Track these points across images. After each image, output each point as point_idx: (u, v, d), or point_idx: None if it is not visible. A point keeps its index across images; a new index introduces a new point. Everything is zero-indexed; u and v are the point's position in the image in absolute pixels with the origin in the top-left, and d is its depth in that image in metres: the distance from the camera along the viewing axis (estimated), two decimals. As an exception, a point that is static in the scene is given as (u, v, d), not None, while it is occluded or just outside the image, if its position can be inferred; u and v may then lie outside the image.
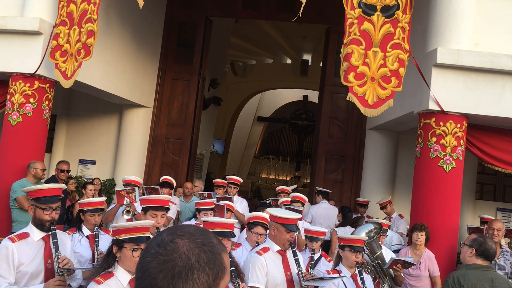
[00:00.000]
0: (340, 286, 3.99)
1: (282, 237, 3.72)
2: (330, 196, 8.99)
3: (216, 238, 1.23)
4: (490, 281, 3.60)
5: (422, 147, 5.95)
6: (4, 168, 6.56)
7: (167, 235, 1.18)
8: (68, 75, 6.23)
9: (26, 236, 3.26)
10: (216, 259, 1.17)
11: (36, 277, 3.23)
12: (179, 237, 1.17)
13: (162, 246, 1.15)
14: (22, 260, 3.17)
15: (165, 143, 9.97)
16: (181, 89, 10.04)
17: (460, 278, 3.64)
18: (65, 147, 10.03)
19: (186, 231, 1.19)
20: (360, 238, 4.16)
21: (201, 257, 1.14)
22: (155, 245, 1.17)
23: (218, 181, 7.91)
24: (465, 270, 3.74)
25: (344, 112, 9.52)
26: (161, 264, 1.13)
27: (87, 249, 4.24)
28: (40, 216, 3.31)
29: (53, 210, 3.34)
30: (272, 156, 22.76)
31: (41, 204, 3.32)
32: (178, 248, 1.14)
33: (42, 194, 3.36)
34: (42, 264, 3.26)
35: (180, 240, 1.16)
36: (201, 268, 1.13)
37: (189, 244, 1.16)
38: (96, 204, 4.42)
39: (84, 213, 4.35)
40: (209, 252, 1.16)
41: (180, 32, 10.13)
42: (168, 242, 1.16)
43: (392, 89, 5.24)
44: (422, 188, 5.96)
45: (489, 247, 3.69)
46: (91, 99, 9.53)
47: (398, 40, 5.33)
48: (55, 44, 6.37)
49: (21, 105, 6.54)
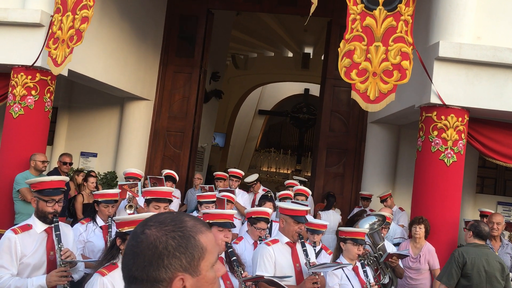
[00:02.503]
0: (343, 278, 4.01)
1: (290, 229, 3.75)
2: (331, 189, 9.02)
3: (193, 221, 1.24)
4: (485, 256, 4.60)
5: (423, 140, 5.96)
6: (6, 160, 6.57)
7: (139, 227, 1.23)
8: (59, 61, 6.13)
9: (29, 228, 3.28)
10: (187, 242, 1.19)
11: (39, 269, 3.24)
12: (148, 227, 1.21)
13: (134, 238, 1.22)
14: (25, 252, 3.18)
15: (167, 136, 9.98)
16: (183, 82, 10.03)
17: (463, 252, 4.64)
18: (67, 139, 10.04)
19: (156, 220, 1.22)
20: (362, 231, 4.18)
21: (169, 243, 1.18)
22: (130, 237, 1.23)
23: (219, 174, 7.92)
24: (466, 247, 4.75)
25: (345, 106, 9.52)
26: (133, 256, 1.19)
27: (100, 239, 4.31)
28: (43, 208, 3.32)
29: (56, 203, 3.34)
30: (273, 150, 22.77)
31: (44, 196, 3.32)
32: (147, 239, 1.19)
33: (45, 186, 3.36)
34: (44, 256, 3.27)
35: (148, 230, 1.20)
36: (170, 254, 1.17)
37: (157, 233, 1.19)
38: (110, 195, 4.49)
39: (99, 204, 4.44)
40: (179, 238, 1.19)
41: (182, 24, 10.11)
42: (138, 234, 1.21)
43: (395, 82, 5.23)
44: (423, 182, 5.97)
45: (482, 229, 4.72)
46: (92, 92, 9.53)
47: (400, 33, 5.31)
48: (50, 33, 6.32)
49: (23, 98, 6.54)
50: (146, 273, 1.16)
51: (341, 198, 9.17)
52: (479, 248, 4.66)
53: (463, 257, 4.60)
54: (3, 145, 6.70)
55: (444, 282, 4.67)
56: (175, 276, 1.17)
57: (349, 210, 8.85)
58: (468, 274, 4.54)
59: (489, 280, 4.52)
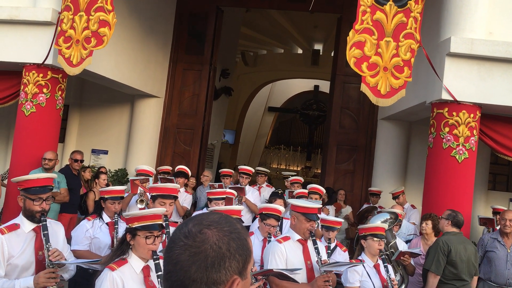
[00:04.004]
0: (364, 275, 4.01)
1: (302, 226, 3.75)
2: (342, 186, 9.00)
3: (239, 223, 1.24)
4: (463, 243, 4.90)
5: (435, 137, 5.92)
6: (18, 158, 6.64)
7: (193, 226, 1.17)
8: (74, 62, 6.19)
9: (16, 227, 3.15)
10: (243, 245, 1.18)
11: (27, 270, 3.13)
12: (206, 227, 1.17)
13: (190, 237, 1.15)
14: (13, 253, 3.08)
15: (177, 133, 10.01)
16: (192, 79, 10.05)
17: (447, 241, 4.85)
18: (78, 137, 10.12)
19: (212, 220, 1.19)
20: (381, 226, 4.18)
21: (231, 245, 1.16)
22: (183, 237, 1.16)
23: (225, 171, 7.98)
24: (448, 236, 4.95)
25: (355, 102, 9.47)
26: (193, 256, 1.13)
27: (106, 235, 4.33)
28: (30, 207, 3.19)
29: (43, 201, 3.21)
30: (283, 146, 22.75)
31: (31, 195, 3.20)
32: (208, 239, 1.15)
33: (31, 184, 3.24)
34: (33, 256, 3.16)
35: (208, 230, 1.16)
36: (231, 256, 1.15)
37: (218, 233, 1.16)
38: (116, 192, 4.50)
39: (105, 201, 4.45)
40: (237, 239, 1.18)
41: (191, 22, 10.12)
42: (196, 233, 1.16)
43: (405, 79, 5.20)
44: (434, 179, 5.93)
45: (459, 218, 5.00)
46: (103, 90, 9.59)
47: (410, 30, 5.28)
48: (59, 30, 6.36)
49: (35, 95, 6.60)
50: (207, 275, 1.12)
51: (351, 195, 9.15)
52: (457, 236, 4.94)
53: (447, 246, 4.82)
54: (15, 142, 6.76)
55: (433, 271, 4.77)
56: (232, 279, 1.15)
57: (359, 207, 8.82)
58: (453, 261, 4.76)
59: (467, 265, 4.83)
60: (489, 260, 5.55)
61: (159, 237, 2.89)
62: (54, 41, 6.36)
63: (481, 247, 5.73)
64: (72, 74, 6.33)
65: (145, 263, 2.89)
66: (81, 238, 4.23)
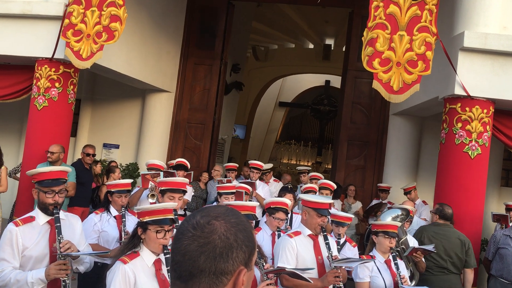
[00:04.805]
0: (374, 271, 4.00)
1: (313, 222, 3.74)
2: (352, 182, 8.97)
3: (244, 216, 1.27)
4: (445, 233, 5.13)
5: (447, 132, 5.86)
6: (31, 152, 6.70)
7: (201, 218, 1.20)
8: (84, 56, 6.22)
9: (31, 220, 3.19)
10: (249, 236, 1.21)
11: (41, 261, 3.16)
12: (214, 219, 1.19)
13: (199, 228, 1.18)
14: (27, 244, 3.11)
15: (187, 127, 10.03)
16: (203, 74, 10.05)
17: (423, 230, 5.32)
18: (90, 131, 10.18)
19: (219, 212, 1.22)
20: (393, 224, 4.16)
21: (238, 236, 1.19)
22: (191, 228, 1.19)
23: (230, 165, 8.00)
24: (428, 226, 5.46)
25: (367, 97, 9.42)
26: (201, 247, 1.16)
27: (114, 228, 4.35)
28: (43, 200, 3.23)
29: (56, 194, 3.24)
30: (294, 142, 22.70)
31: (44, 187, 3.23)
32: (216, 230, 1.17)
33: (44, 177, 3.27)
34: (47, 248, 3.19)
35: (216, 222, 1.19)
36: (238, 247, 1.18)
37: (226, 224, 1.19)
38: (123, 185, 4.52)
39: (112, 194, 4.47)
40: (244, 231, 1.21)
41: (202, 16, 10.11)
42: (204, 224, 1.18)
43: (419, 73, 5.15)
44: (447, 175, 5.88)
45: (446, 212, 5.26)
46: (114, 84, 9.63)
47: (425, 23, 5.22)
48: (67, 23, 6.37)
49: (47, 90, 6.65)
50: (215, 265, 1.15)
51: (362, 191, 9.11)
52: (440, 227, 5.21)
53: (421, 234, 5.19)
54: (27, 136, 6.83)
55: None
56: (239, 269, 1.17)
57: (370, 203, 8.79)
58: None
59: (448, 254, 5.03)
60: (501, 257, 5.49)
61: (170, 231, 2.90)
62: (61, 33, 6.38)
63: (493, 243, 5.67)
64: (81, 67, 6.35)
65: (156, 257, 2.90)
66: (90, 232, 4.26)
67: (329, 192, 6.47)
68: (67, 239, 3.19)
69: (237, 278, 1.17)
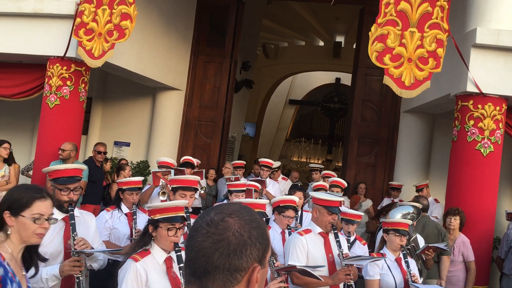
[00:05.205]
0: (384, 269, 3.99)
1: (324, 219, 3.73)
2: (363, 179, 8.93)
3: (257, 214, 1.27)
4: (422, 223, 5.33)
5: (459, 130, 5.81)
6: (43, 150, 6.76)
7: (215, 215, 1.20)
8: (96, 54, 6.26)
9: None
10: (263, 234, 1.22)
11: (56, 258, 3.18)
12: (228, 216, 1.20)
13: (213, 225, 1.18)
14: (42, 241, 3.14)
15: (198, 125, 10.05)
16: (213, 71, 10.06)
17: None
18: (101, 129, 10.24)
19: (233, 209, 1.22)
20: (404, 222, 4.14)
21: (252, 234, 1.19)
22: (205, 225, 1.19)
23: (237, 163, 8.02)
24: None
25: (377, 95, 9.36)
26: (215, 243, 1.16)
27: (125, 226, 4.37)
28: (58, 197, 3.24)
29: (71, 191, 3.27)
30: (304, 139, 22.66)
31: (59, 185, 3.27)
32: (230, 226, 1.18)
33: (60, 174, 3.30)
34: (61, 245, 3.21)
35: (230, 219, 1.19)
36: (252, 244, 1.18)
37: (239, 221, 1.19)
38: (134, 183, 4.54)
39: (123, 192, 4.49)
40: (257, 228, 1.21)
41: (212, 14, 10.12)
42: (218, 221, 1.19)
43: (430, 70, 5.11)
44: (458, 172, 5.84)
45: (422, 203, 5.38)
46: (125, 82, 9.67)
47: (436, 19, 5.17)
48: (79, 22, 6.40)
49: (59, 88, 6.70)
50: (229, 261, 1.15)
51: (373, 189, 9.07)
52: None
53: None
54: (39, 134, 6.88)
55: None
56: (253, 266, 1.18)
57: (380, 200, 8.75)
58: None
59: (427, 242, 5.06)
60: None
61: (181, 229, 2.91)
62: (73, 32, 6.42)
63: (506, 242, 5.63)
64: (93, 66, 6.39)
65: (168, 255, 2.91)
66: (101, 229, 4.27)
67: (339, 190, 6.45)
68: (81, 236, 3.21)
69: (251, 275, 1.18)
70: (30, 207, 2.32)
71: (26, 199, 2.33)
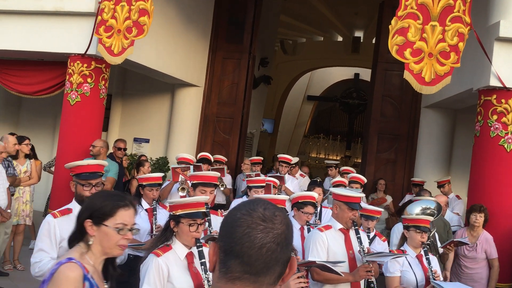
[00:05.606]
0: (405, 265, 3.95)
1: (344, 215, 3.70)
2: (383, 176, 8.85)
3: None
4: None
5: (482, 125, 5.71)
6: (65, 146, 6.85)
7: (264, 210, 1.21)
8: (115, 51, 6.30)
9: (69, 212, 3.26)
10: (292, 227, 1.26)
11: None
12: (275, 210, 1.22)
13: (269, 220, 1.19)
14: (64, 236, 3.12)
15: (216, 122, 10.07)
16: (232, 68, 10.06)
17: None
18: (120, 126, 10.34)
19: (270, 203, 1.24)
20: (425, 218, 4.09)
21: (290, 227, 1.23)
22: (260, 221, 1.18)
23: (255, 159, 8.02)
24: None
25: (397, 90, 9.26)
26: (276, 238, 1.18)
27: (146, 221, 4.41)
28: (81, 192, 3.31)
29: (93, 186, 3.32)
30: (322, 135, 22.56)
31: (81, 180, 3.32)
32: (282, 220, 1.21)
33: (82, 170, 3.35)
34: None
35: (279, 213, 1.22)
36: (291, 236, 1.23)
37: (283, 214, 1.23)
38: (154, 179, 4.58)
39: (143, 188, 4.54)
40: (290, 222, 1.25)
41: (231, 10, 10.11)
42: (271, 216, 1.20)
43: (451, 65, 5.02)
44: (481, 168, 5.74)
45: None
46: (144, 79, 9.74)
47: (458, 13, 5.08)
48: (99, 19, 6.47)
49: (79, 85, 6.77)
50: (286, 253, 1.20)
51: (393, 185, 8.99)
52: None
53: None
54: (61, 131, 6.98)
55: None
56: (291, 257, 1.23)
57: (401, 197, 8.66)
58: None
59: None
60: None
61: (202, 224, 2.92)
62: (95, 30, 6.49)
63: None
64: (113, 63, 6.45)
65: (189, 250, 2.92)
66: None
67: (359, 186, 6.42)
68: None
69: (291, 263, 1.22)
70: (113, 216, 2.17)
71: (110, 207, 2.17)
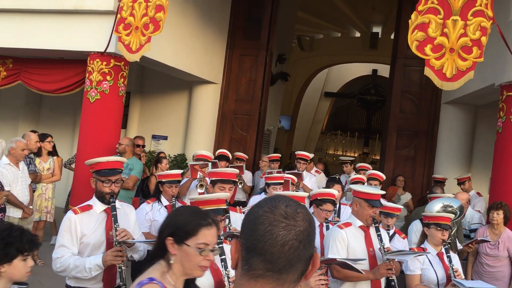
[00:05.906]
0: (426, 263, 3.90)
1: (364, 213, 3.67)
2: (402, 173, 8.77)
3: None
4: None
5: (504, 121, 5.62)
6: (85, 143, 6.92)
7: (286, 207, 1.20)
8: (133, 48, 6.34)
9: (89, 208, 3.30)
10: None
11: (98, 248, 3.25)
12: (298, 207, 1.21)
13: (291, 218, 1.18)
14: (85, 232, 3.22)
15: (234, 119, 10.08)
16: (249, 64, 10.05)
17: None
18: (139, 123, 10.42)
19: (292, 200, 1.23)
20: (446, 216, 4.03)
21: (312, 224, 1.22)
22: (282, 218, 1.18)
23: (273, 156, 8.00)
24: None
25: (417, 86, 9.15)
26: (298, 235, 1.17)
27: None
28: (100, 189, 3.32)
29: (113, 183, 3.33)
30: (340, 132, 22.43)
31: (101, 177, 3.33)
32: (304, 217, 1.20)
33: (102, 166, 3.36)
34: (103, 235, 3.28)
35: (301, 210, 1.21)
36: (314, 233, 1.22)
37: (305, 211, 1.21)
38: (173, 176, 4.59)
39: (163, 185, 4.56)
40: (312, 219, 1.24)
41: (248, 7, 10.10)
42: (294, 213, 1.19)
43: (474, 59, 4.93)
44: (503, 165, 5.65)
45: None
46: (162, 77, 9.79)
47: (480, 6, 4.98)
48: (119, 18, 6.51)
49: (99, 83, 6.84)
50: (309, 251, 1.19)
51: (412, 182, 8.89)
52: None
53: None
54: (81, 128, 7.06)
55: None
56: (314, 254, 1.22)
57: (420, 194, 8.56)
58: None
59: None
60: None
61: (222, 221, 2.92)
62: (114, 28, 6.54)
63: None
64: (131, 60, 6.49)
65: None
66: (142, 221, 4.35)
67: (377, 182, 6.36)
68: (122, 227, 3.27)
69: (314, 260, 1.21)
70: (196, 235, 2.07)
71: (192, 226, 2.08)
